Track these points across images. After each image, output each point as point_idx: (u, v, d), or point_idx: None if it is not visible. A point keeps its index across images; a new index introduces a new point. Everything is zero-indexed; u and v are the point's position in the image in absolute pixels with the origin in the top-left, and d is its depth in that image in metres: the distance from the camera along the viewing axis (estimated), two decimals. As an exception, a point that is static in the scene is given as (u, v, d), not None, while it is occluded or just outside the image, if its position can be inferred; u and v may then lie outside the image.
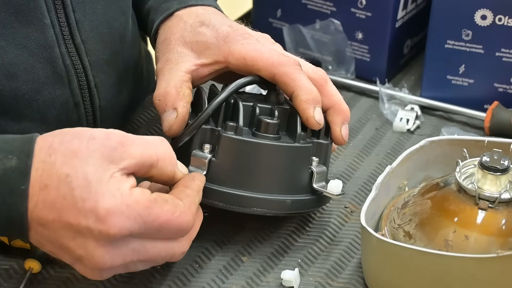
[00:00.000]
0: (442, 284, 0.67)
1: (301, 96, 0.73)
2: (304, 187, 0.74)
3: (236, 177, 0.72)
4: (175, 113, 0.74)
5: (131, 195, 0.61)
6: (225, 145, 0.71)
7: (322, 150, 0.75)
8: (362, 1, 0.98)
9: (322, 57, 1.03)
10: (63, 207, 0.61)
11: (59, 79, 0.76)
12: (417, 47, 1.07)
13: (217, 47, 0.76)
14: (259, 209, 0.72)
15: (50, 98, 0.76)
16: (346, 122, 0.76)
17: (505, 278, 0.65)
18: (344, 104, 0.77)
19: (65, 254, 0.63)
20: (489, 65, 0.94)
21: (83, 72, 0.78)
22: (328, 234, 0.79)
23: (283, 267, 0.74)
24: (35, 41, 0.73)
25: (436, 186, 0.73)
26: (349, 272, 0.74)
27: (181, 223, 0.63)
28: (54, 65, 0.75)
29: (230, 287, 0.72)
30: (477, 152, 0.73)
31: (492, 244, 0.68)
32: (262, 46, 0.75)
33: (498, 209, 0.69)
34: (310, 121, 0.73)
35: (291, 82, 0.73)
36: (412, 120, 0.94)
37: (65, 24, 0.75)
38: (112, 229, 0.60)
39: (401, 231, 0.72)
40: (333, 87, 0.77)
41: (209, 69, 0.77)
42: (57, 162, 0.61)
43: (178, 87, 0.75)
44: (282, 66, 0.74)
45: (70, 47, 0.76)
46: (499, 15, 0.90)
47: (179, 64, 0.77)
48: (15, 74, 0.73)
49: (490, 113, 0.92)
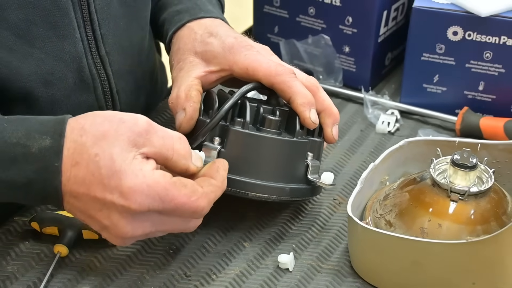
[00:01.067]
0: (418, 266, 0.67)
1: (298, 100, 0.73)
2: (300, 177, 0.74)
3: (242, 166, 0.71)
4: (184, 113, 0.74)
5: (152, 176, 0.61)
6: (233, 137, 0.71)
7: (316, 147, 0.75)
8: (349, 19, 0.98)
9: (314, 68, 1.03)
10: (91, 182, 0.61)
11: (86, 86, 0.76)
12: (397, 59, 1.07)
13: (223, 57, 0.76)
14: (261, 195, 0.72)
15: (77, 103, 0.76)
16: (336, 123, 0.76)
17: (473, 261, 0.65)
18: (335, 108, 0.77)
19: (94, 223, 0.64)
20: (460, 75, 0.93)
21: (107, 80, 0.78)
22: (319, 222, 0.78)
23: (279, 252, 0.74)
24: (68, 53, 0.74)
25: (413, 180, 0.73)
26: (337, 256, 0.74)
27: (196, 207, 0.63)
28: (81, 73, 0.75)
29: (233, 269, 0.72)
30: (449, 151, 0.73)
31: (462, 231, 0.68)
32: (262, 57, 0.75)
33: (468, 201, 0.69)
34: (307, 121, 0.73)
35: (288, 89, 0.73)
36: (392, 123, 0.94)
37: (92, 38, 0.76)
38: (133, 205, 0.61)
39: (383, 220, 0.72)
40: (324, 93, 0.77)
41: (216, 75, 0.77)
42: (87, 142, 0.61)
43: (187, 90, 0.75)
44: (279, 75, 0.74)
45: (96, 58, 0.77)
46: (469, 31, 0.90)
47: (190, 71, 0.77)
48: (51, 82, 0.73)
49: (460, 117, 0.92)
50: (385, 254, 0.68)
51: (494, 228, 0.67)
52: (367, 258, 0.70)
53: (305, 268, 0.72)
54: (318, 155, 0.76)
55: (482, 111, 0.94)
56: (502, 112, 0.93)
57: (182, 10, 0.83)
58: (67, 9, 0.72)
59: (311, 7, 1.00)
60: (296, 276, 0.71)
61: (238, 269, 0.72)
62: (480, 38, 0.90)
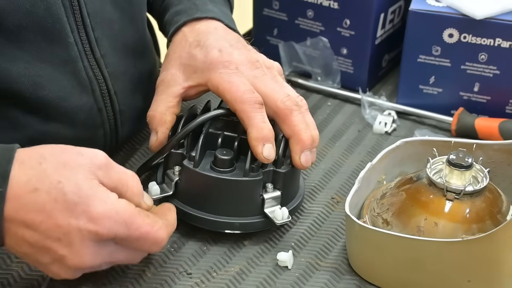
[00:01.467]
0: (414, 264, 0.67)
1: (251, 134, 0.71)
2: (255, 211, 0.73)
3: (194, 200, 0.73)
4: (156, 137, 0.75)
5: (119, 203, 0.61)
6: (186, 173, 0.73)
7: (279, 177, 0.73)
8: (347, 21, 0.98)
9: (312, 69, 1.03)
10: (53, 209, 0.59)
11: (84, 89, 0.76)
12: (394, 61, 1.07)
13: (202, 72, 0.76)
14: (212, 228, 0.74)
15: (78, 105, 0.76)
16: (305, 149, 0.73)
17: (468, 259, 0.65)
18: (305, 133, 0.73)
19: (44, 255, 0.61)
20: (455, 76, 0.94)
21: (104, 81, 0.78)
22: (317, 221, 0.79)
23: (279, 250, 0.74)
24: (58, 57, 0.73)
25: (410, 180, 0.73)
26: (335, 254, 0.74)
27: (157, 237, 0.63)
28: (78, 76, 0.75)
29: (233, 267, 0.72)
30: (445, 151, 0.73)
31: (458, 230, 0.68)
32: (236, 78, 0.73)
33: (463, 200, 0.69)
34: (259, 156, 0.71)
35: (246, 120, 0.72)
36: (389, 124, 0.94)
37: (86, 41, 0.75)
38: (102, 230, 0.60)
39: (380, 219, 0.72)
40: (297, 118, 0.73)
41: (195, 89, 0.77)
42: (48, 170, 0.60)
43: (163, 113, 0.76)
44: (242, 104, 0.72)
45: (92, 61, 0.76)
46: (464, 34, 0.91)
47: (169, 88, 0.77)
48: (41, 84, 0.73)
49: (456, 117, 0.93)
50: (382, 252, 0.68)
51: (489, 226, 0.68)
52: (364, 256, 0.71)
53: (303, 265, 0.73)
54: (284, 184, 0.74)
55: (477, 112, 0.94)
56: (497, 113, 0.93)
57: (180, 10, 0.83)
58: (59, 15, 0.72)
59: (309, 10, 1.01)
60: (294, 274, 0.72)
61: (238, 267, 0.72)
62: (475, 40, 0.90)
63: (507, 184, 0.77)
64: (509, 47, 0.89)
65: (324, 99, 1.01)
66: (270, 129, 0.72)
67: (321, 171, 0.86)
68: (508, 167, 0.77)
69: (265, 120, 0.72)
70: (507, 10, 0.89)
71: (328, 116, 0.97)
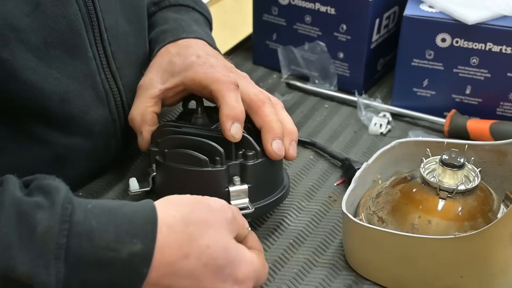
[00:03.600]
0: (409, 260, 0.67)
1: (223, 111, 0.70)
2: None
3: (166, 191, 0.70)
4: (142, 137, 0.76)
5: (258, 261, 0.62)
6: (158, 167, 0.73)
7: (247, 170, 0.70)
8: (343, 26, 0.98)
9: (310, 72, 1.03)
10: (203, 274, 0.58)
11: (101, 101, 0.76)
12: (389, 65, 1.07)
13: (179, 74, 0.76)
14: None
15: (96, 118, 0.76)
16: (277, 137, 0.71)
17: (461, 256, 0.65)
18: (276, 123, 0.71)
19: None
20: (448, 79, 0.94)
21: (118, 93, 0.78)
22: (315, 219, 0.79)
23: (278, 247, 0.74)
24: (81, 71, 0.73)
25: (404, 179, 0.73)
26: (332, 251, 0.74)
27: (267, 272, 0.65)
28: (96, 90, 0.75)
29: (234, 263, 0.72)
30: (438, 151, 0.73)
31: (450, 227, 0.68)
32: (211, 69, 0.73)
33: (456, 199, 0.69)
34: (226, 133, 0.69)
35: (220, 98, 0.71)
36: (384, 125, 0.94)
37: (103, 55, 0.75)
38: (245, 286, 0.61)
39: (375, 217, 0.72)
40: (269, 109, 0.72)
41: (172, 91, 0.77)
42: (195, 234, 0.58)
43: (142, 113, 0.76)
44: (217, 83, 0.71)
45: (108, 74, 0.76)
46: (456, 38, 0.90)
47: (147, 90, 0.77)
48: (68, 100, 0.73)
49: (448, 119, 0.92)
50: (377, 249, 0.68)
51: (480, 224, 0.68)
52: (360, 252, 0.71)
53: (301, 262, 0.73)
54: (255, 178, 0.71)
55: (469, 113, 0.94)
56: (488, 114, 0.93)
57: (166, 30, 0.83)
58: (80, 30, 0.72)
59: (307, 16, 1.01)
60: (293, 270, 0.72)
61: (239, 263, 0.72)
62: (467, 44, 0.90)
63: (498, 183, 0.77)
64: (500, 51, 0.89)
65: (321, 101, 1.01)
66: (242, 110, 0.70)
67: (319, 171, 0.86)
68: (499, 166, 0.77)
69: (238, 100, 0.71)
70: (498, 16, 0.89)
71: (325, 118, 0.97)
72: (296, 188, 0.83)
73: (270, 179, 0.74)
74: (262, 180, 0.72)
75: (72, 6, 0.70)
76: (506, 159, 0.76)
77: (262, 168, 0.72)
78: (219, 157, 0.69)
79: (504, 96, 0.92)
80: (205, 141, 0.70)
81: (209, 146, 0.70)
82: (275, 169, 0.74)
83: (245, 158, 0.71)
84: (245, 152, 0.71)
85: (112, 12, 0.76)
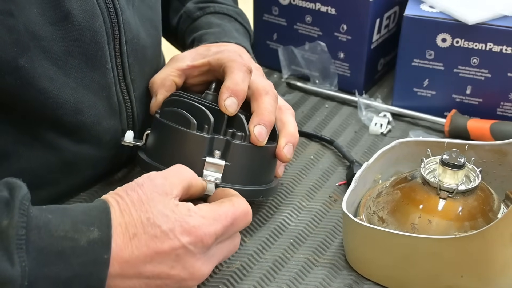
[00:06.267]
0: (409, 260, 0.67)
1: (225, 83, 0.71)
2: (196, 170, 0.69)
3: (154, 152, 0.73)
4: (155, 99, 0.77)
5: (201, 210, 0.62)
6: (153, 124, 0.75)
7: (230, 148, 0.70)
8: (344, 26, 0.98)
9: (311, 73, 1.03)
10: (156, 243, 0.59)
11: (114, 112, 0.76)
12: (389, 65, 1.07)
13: (209, 56, 0.77)
14: None
15: (108, 128, 0.76)
16: (262, 123, 0.71)
17: (461, 256, 0.65)
18: (268, 113, 0.72)
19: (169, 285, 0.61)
20: (448, 79, 0.93)
21: (130, 105, 0.78)
22: (315, 219, 0.79)
23: (278, 247, 0.74)
24: (98, 83, 0.73)
25: (404, 179, 0.73)
26: (333, 251, 0.74)
27: (243, 209, 0.64)
28: (110, 101, 0.75)
29: (234, 263, 0.72)
30: (438, 151, 0.73)
31: (451, 227, 0.68)
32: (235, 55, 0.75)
33: (456, 199, 0.69)
34: (220, 103, 0.70)
35: (228, 73, 0.72)
36: (384, 125, 0.94)
37: (121, 67, 0.75)
38: (205, 238, 0.60)
39: (376, 217, 0.72)
40: (269, 101, 0.73)
41: (198, 70, 0.78)
42: (132, 214, 0.60)
43: (163, 78, 0.77)
44: (232, 62, 0.72)
45: (123, 86, 0.76)
46: (457, 38, 0.90)
47: (176, 63, 0.78)
48: (81, 110, 0.73)
49: (449, 119, 0.92)
50: (378, 249, 0.68)
51: (481, 224, 0.67)
52: (361, 252, 0.70)
53: (302, 262, 0.73)
54: (236, 158, 0.71)
55: (470, 113, 0.94)
56: (488, 114, 0.93)
57: (210, 33, 0.86)
58: (102, 43, 0.72)
59: (308, 16, 1.00)
60: (293, 270, 0.71)
61: (239, 263, 0.72)
62: (468, 44, 0.90)
63: (498, 183, 0.77)
64: (500, 51, 0.89)
65: (322, 101, 1.01)
66: (244, 89, 0.71)
67: (319, 171, 0.86)
68: (499, 166, 0.77)
69: (244, 81, 0.71)
70: (498, 16, 0.89)
71: (326, 117, 0.97)
72: (296, 188, 0.83)
73: (251, 168, 0.73)
74: (242, 164, 0.72)
75: (98, 19, 0.71)
76: (506, 159, 0.76)
77: (246, 152, 0.72)
78: (207, 125, 0.70)
79: (505, 96, 0.92)
80: (200, 107, 0.71)
81: (202, 113, 0.71)
82: (260, 160, 0.74)
83: (233, 137, 0.71)
84: (235, 132, 0.71)
85: (133, 25, 0.76)
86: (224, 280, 0.70)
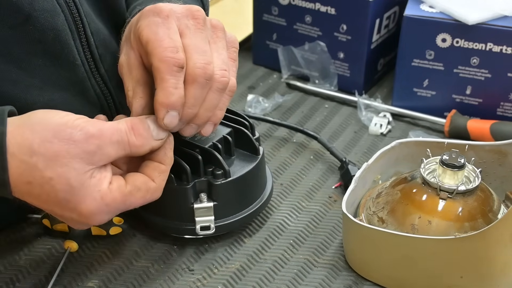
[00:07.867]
0: (409, 261, 0.67)
1: (158, 97, 0.62)
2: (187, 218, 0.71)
3: None
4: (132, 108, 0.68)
5: (110, 194, 0.60)
6: None
7: (214, 189, 0.70)
8: (344, 26, 0.98)
9: (310, 73, 1.03)
10: (48, 200, 0.59)
11: (94, 105, 0.75)
12: (389, 65, 1.07)
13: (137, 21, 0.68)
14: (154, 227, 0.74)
15: None
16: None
17: (461, 256, 0.65)
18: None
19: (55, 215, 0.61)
20: (448, 79, 0.93)
21: (110, 95, 0.77)
22: (315, 219, 0.78)
23: (278, 247, 0.74)
24: (68, 79, 0.72)
25: (404, 179, 0.73)
26: (332, 251, 0.74)
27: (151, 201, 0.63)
28: (87, 95, 0.74)
29: (234, 264, 0.72)
30: (438, 151, 0.73)
31: (451, 228, 0.68)
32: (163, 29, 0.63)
33: (456, 199, 0.69)
34: (159, 122, 0.62)
35: (158, 80, 0.62)
36: (384, 125, 0.94)
37: (91, 60, 0.74)
38: (94, 222, 0.60)
39: (376, 217, 0.72)
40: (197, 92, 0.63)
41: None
42: (39, 164, 0.57)
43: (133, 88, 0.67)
44: (160, 62, 0.62)
45: (97, 78, 0.75)
46: (457, 38, 0.90)
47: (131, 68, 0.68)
48: (55, 107, 0.70)
49: (449, 119, 0.92)
50: (377, 249, 0.68)
51: (481, 224, 0.67)
52: (360, 253, 0.70)
53: (302, 262, 0.72)
54: (222, 196, 0.70)
55: (469, 114, 0.94)
56: (488, 114, 0.93)
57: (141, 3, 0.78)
58: (67, 40, 0.70)
59: (307, 16, 1.00)
60: (293, 270, 0.71)
61: (239, 263, 0.72)
62: (468, 45, 0.90)
63: (498, 183, 0.77)
64: (500, 51, 0.89)
65: (321, 101, 1.01)
66: (181, 96, 0.62)
67: (319, 171, 0.86)
68: (499, 167, 0.77)
69: (178, 86, 0.62)
70: (498, 16, 0.89)
71: (326, 118, 0.97)
72: (296, 188, 0.83)
73: (241, 197, 0.73)
74: (230, 198, 0.72)
75: (59, 17, 0.69)
76: (506, 160, 0.76)
77: (230, 188, 0.71)
78: (185, 174, 0.69)
79: (505, 96, 0.92)
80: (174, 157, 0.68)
81: (176, 163, 0.68)
82: (247, 186, 0.73)
83: (213, 175, 0.71)
84: (213, 170, 0.70)
85: (94, 15, 0.74)
86: (224, 280, 0.70)
